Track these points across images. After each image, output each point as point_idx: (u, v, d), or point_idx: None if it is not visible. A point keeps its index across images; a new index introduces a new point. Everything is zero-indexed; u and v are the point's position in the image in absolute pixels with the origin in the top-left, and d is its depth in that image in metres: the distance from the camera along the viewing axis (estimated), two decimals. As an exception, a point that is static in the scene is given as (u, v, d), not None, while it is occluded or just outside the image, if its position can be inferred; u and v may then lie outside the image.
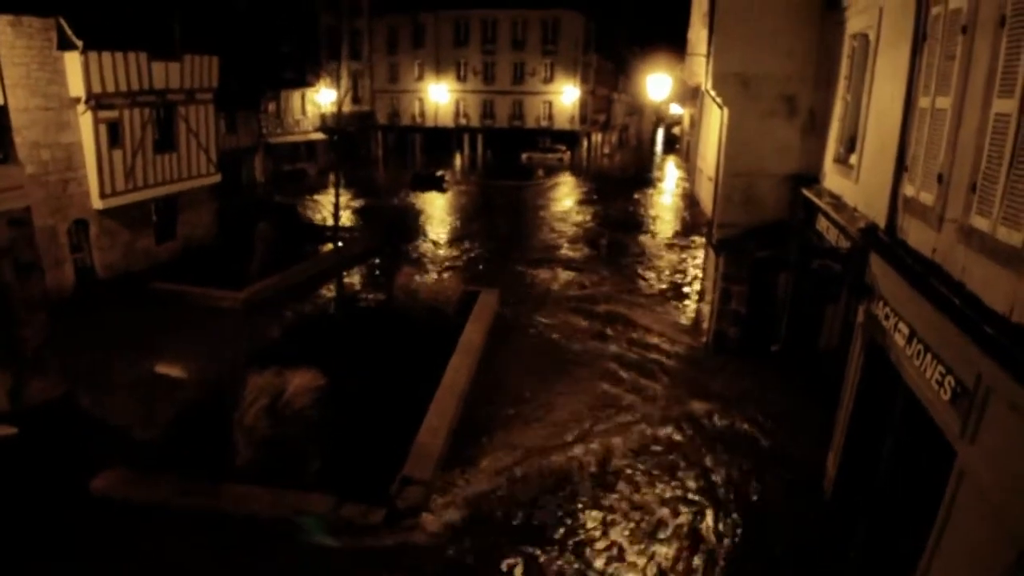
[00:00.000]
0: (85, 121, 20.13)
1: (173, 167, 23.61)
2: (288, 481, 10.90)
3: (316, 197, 40.41)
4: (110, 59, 20.23)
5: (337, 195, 19.19)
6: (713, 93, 14.98)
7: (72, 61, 19.37)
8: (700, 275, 22.42)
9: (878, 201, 9.80)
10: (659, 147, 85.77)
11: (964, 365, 6.40)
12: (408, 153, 65.71)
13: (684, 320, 19.72)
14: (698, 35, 17.10)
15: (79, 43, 19.24)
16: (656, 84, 20.78)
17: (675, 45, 30.84)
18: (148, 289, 20.99)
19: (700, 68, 16.26)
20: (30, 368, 13.31)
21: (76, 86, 19.59)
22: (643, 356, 16.84)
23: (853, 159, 11.82)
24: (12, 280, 12.46)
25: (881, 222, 9.55)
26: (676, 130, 78.60)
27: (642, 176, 54.38)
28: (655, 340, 17.81)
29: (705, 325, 17.52)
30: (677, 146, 74.27)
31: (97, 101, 20.11)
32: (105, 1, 20.56)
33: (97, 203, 20.95)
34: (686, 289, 22.96)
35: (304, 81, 48.97)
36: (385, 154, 64.82)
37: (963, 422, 6.38)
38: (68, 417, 13.44)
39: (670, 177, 55.33)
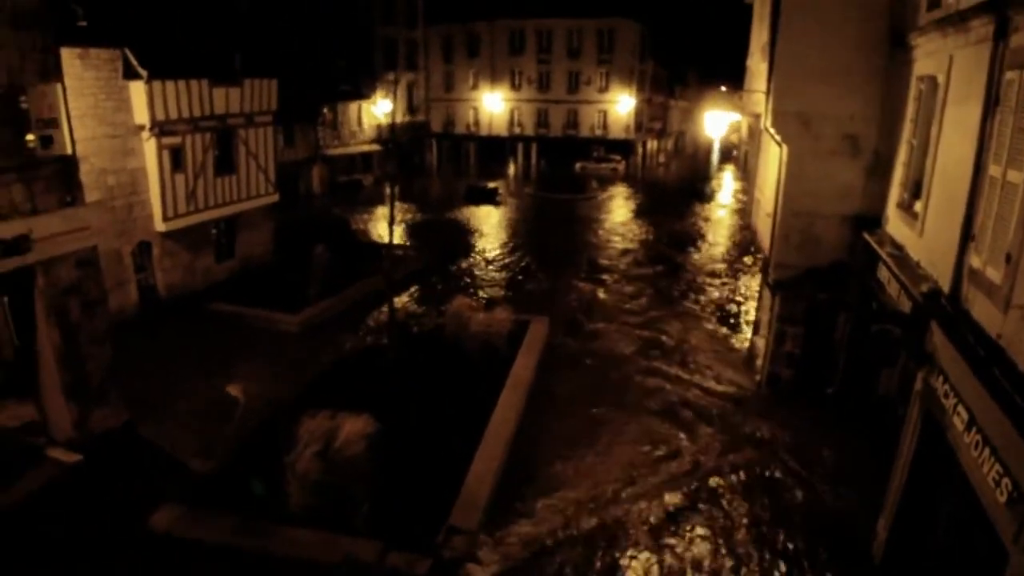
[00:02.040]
0: (149, 147, 20.76)
1: (233, 189, 24.17)
2: (338, 525, 11.04)
3: (371, 209, 40.97)
4: (173, 87, 20.83)
5: (392, 213, 19.31)
6: (772, 131, 14.62)
7: (137, 90, 20.01)
8: (755, 304, 21.98)
9: (942, 262, 9.44)
10: (715, 155, 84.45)
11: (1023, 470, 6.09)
12: (462, 162, 66.12)
13: (737, 352, 19.37)
14: (757, 66, 16.73)
15: (144, 73, 19.85)
16: (714, 121, 20.44)
17: (735, 61, 30.23)
18: (207, 310, 21.57)
19: (759, 103, 15.92)
20: (94, 399, 13.75)
21: (141, 114, 20.23)
22: (693, 394, 16.60)
23: (918, 206, 11.40)
24: (79, 317, 12.90)
25: (945, 286, 9.20)
26: (734, 137, 77.24)
27: (698, 189, 53.56)
28: (706, 377, 17.52)
29: (759, 361, 17.15)
30: (734, 154, 73.08)
31: (160, 128, 20.72)
32: (167, 31, 21.18)
33: (160, 226, 21.59)
34: (740, 314, 22.59)
35: (360, 93, 49.67)
36: (439, 163, 65.31)
37: (1018, 528, 6.07)
38: (129, 446, 13.91)
39: (726, 190, 54.49)
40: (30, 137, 11.42)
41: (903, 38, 12.69)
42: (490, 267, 28.85)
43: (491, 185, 46.43)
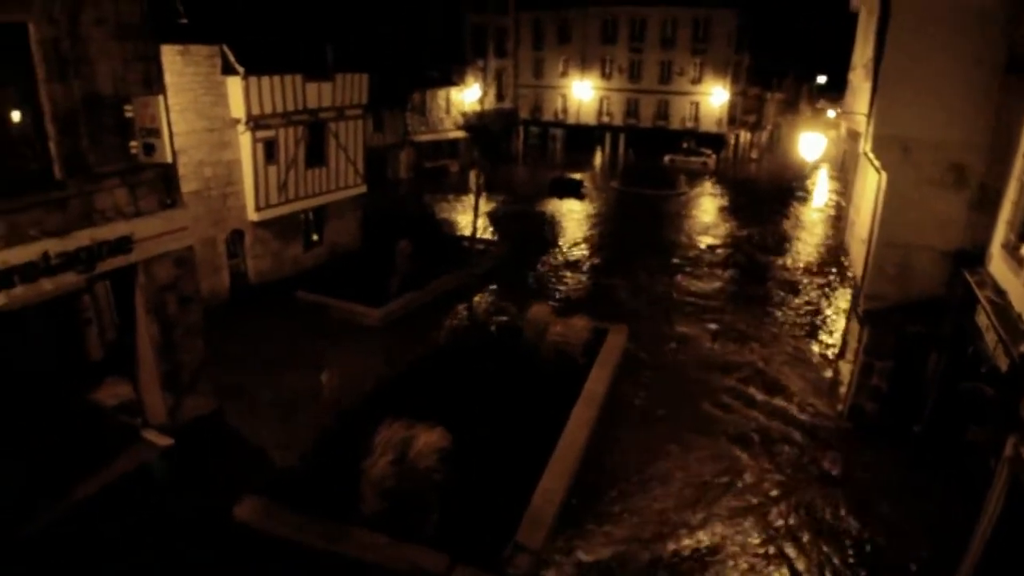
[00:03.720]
0: (244, 140, 21.58)
1: (322, 180, 24.87)
2: (407, 534, 11.31)
3: (457, 197, 41.50)
4: (268, 83, 21.58)
5: (476, 209, 19.35)
6: (871, 156, 13.99)
7: (234, 85, 20.81)
8: (844, 321, 21.22)
9: (1049, 321, 8.90)
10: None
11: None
12: (548, 150, 65.92)
13: (821, 371, 18.78)
14: (859, 83, 15.95)
15: (240, 69, 20.63)
16: (809, 144, 19.59)
17: (837, 57, 29.01)
18: (293, 298, 22.34)
19: (859, 123, 15.26)
20: (186, 388, 14.47)
21: (237, 108, 21.05)
22: (771, 418, 16.20)
23: (1025, 251, 10.76)
24: (175, 312, 13.59)
25: (1050, 348, 8.68)
26: (832, 134, 74.23)
27: (791, 188, 51.61)
28: (787, 400, 17.05)
29: (842, 389, 16.57)
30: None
31: (255, 122, 21.48)
32: (262, 27, 21.92)
33: (253, 215, 22.45)
34: (828, 331, 21.90)
35: (449, 80, 50.10)
36: (525, 150, 65.29)
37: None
38: (217, 434, 14.66)
39: (821, 189, 52.60)
40: (133, 144, 11.99)
41: (1022, 64, 11.90)
42: (571, 266, 28.71)
43: (576, 177, 46.02)
